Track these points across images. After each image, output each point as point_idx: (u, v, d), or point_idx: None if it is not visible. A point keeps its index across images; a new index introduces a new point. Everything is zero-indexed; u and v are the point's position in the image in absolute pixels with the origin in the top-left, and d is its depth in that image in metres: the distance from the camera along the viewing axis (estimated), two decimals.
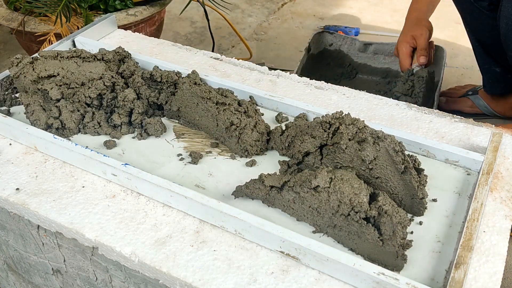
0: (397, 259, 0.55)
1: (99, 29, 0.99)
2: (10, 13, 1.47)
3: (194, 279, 0.55)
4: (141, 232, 0.61)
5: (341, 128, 0.65)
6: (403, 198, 0.63)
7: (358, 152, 0.63)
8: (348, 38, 1.50)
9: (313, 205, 0.59)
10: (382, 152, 0.62)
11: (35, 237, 0.68)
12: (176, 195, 0.61)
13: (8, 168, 0.70)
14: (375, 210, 0.57)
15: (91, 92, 0.75)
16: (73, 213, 0.63)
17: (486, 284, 0.54)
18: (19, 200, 0.65)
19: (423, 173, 0.65)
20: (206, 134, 0.77)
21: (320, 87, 0.86)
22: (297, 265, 0.56)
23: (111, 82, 0.76)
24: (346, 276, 0.53)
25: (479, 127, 0.76)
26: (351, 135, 0.64)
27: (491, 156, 0.66)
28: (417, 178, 0.62)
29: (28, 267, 0.77)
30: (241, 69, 0.91)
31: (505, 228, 0.60)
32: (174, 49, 0.98)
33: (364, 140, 0.63)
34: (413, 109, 0.80)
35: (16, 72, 0.76)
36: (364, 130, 0.64)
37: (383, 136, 0.62)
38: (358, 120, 0.65)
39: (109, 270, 0.63)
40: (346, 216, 0.57)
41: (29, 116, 0.74)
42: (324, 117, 0.67)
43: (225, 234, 0.60)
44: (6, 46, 1.91)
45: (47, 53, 0.78)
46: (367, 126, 0.65)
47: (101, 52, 0.82)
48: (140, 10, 1.49)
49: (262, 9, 2.22)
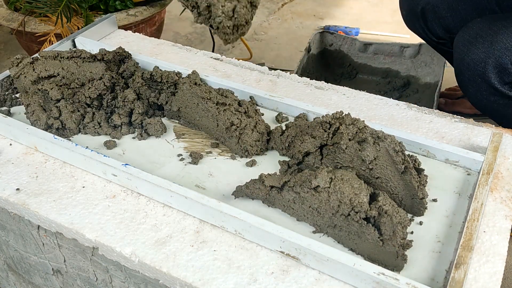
0: (397, 259, 0.55)
1: (99, 29, 0.99)
2: (11, 13, 1.47)
3: (194, 279, 0.55)
4: (141, 232, 0.61)
5: (341, 128, 0.65)
6: (403, 198, 0.63)
7: (358, 152, 0.63)
8: (348, 38, 1.50)
9: (313, 205, 0.59)
10: (382, 152, 0.62)
11: (35, 237, 0.68)
12: (176, 195, 0.61)
13: (8, 168, 0.70)
14: (375, 210, 0.57)
15: (91, 93, 0.75)
16: (73, 213, 0.63)
17: (486, 284, 0.54)
18: (19, 200, 0.65)
19: (423, 173, 0.65)
20: (206, 134, 0.77)
21: (320, 87, 0.86)
22: (297, 265, 0.56)
23: (111, 82, 0.77)
24: (346, 276, 0.53)
25: (479, 127, 0.76)
26: (351, 135, 0.64)
27: (491, 156, 0.66)
28: (417, 178, 0.62)
29: (28, 267, 0.77)
30: (242, 69, 0.91)
31: (505, 228, 0.60)
32: (174, 49, 0.98)
33: (364, 140, 0.63)
34: (413, 109, 0.80)
35: (16, 72, 0.76)
36: (364, 130, 0.64)
37: (383, 136, 0.62)
38: (358, 120, 0.65)
39: (109, 270, 0.63)
40: (346, 216, 0.57)
41: (29, 116, 0.75)
42: (324, 117, 0.67)
43: (225, 234, 0.60)
44: (7, 46, 1.91)
45: (47, 53, 0.78)
46: (367, 126, 0.65)
47: (101, 52, 0.82)
48: (140, 10, 1.49)
49: (262, 9, 2.23)
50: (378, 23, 2.04)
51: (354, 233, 0.57)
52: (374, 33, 1.92)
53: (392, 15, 2.10)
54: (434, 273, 0.55)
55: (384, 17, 2.09)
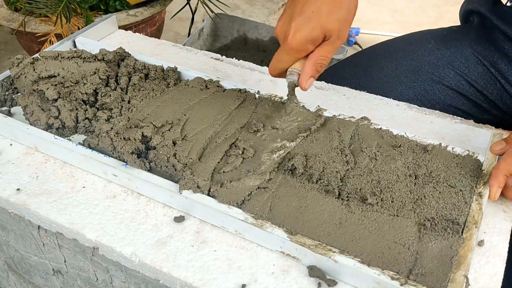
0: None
1: (99, 29, 0.99)
2: (11, 13, 1.47)
3: (195, 279, 0.55)
4: (141, 232, 0.61)
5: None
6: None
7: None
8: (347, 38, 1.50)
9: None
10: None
11: (36, 238, 0.68)
12: (176, 195, 0.61)
13: (8, 169, 0.70)
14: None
15: (87, 88, 0.75)
16: (73, 213, 0.63)
17: (487, 284, 0.54)
18: (19, 201, 0.65)
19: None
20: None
21: (320, 87, 0.86)
22: (298, 265, 0.56)
23: (106, 76, 0.76)
24: (346, 276, 0.53)
25: (479, 128, 0.76)
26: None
27: (491, 157, 0.66)
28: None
29: (28, 267, 0.77)
30: (242, 70, 0.91)
31: (505, 229, 0.60)
32: (174, 49, 0.98)
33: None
34: (414, 109, 0.80)
35: (16, 73, 0.76)
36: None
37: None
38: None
39: (109, 271, 0.63)
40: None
41: (28, 117, 0.74)
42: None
43: (226, 234, 0.60)
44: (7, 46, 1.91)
45: (48, 54, 0.78)
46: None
47: (102, 52, 0.82)
48: (140, 10, 1.49)
49: (262, 9, 2.22)
50: (378, 23, 2.04)
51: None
52: (374, 33, 1.92)
53: (392, 15, 2.10)
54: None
55: (384, 17, 2.09)
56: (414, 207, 0.59)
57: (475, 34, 0.91)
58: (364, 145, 0.66)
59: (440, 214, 0.58)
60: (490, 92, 0.87)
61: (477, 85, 0.87)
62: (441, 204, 0.59)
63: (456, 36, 0.93)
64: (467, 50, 0.89)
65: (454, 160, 0.65)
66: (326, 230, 0.56)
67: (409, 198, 0.60)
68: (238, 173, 0.62)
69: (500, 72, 0.86)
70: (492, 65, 0.87)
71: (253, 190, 0.61)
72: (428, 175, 0.63)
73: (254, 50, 1.82)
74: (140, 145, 0.66)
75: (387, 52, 0.65)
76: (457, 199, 0.60)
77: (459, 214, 0.58)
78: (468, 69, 0.88)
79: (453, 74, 0.88)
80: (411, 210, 0.59)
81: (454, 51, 0.90)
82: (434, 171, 0.63)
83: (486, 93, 0.87)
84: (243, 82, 0.87)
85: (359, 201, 0.60)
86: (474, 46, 0.89)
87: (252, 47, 1.83)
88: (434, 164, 0.64)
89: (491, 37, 0.88)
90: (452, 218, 0.57)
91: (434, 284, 0.51)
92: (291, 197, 0.60)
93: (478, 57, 0.88)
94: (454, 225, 0.56)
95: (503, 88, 0.86)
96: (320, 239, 0.55)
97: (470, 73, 0.88)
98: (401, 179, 0.62)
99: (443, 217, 0.57)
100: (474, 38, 0.91)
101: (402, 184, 0.61)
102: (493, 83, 0.87)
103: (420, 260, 0.53)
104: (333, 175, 0.62)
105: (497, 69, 0.86)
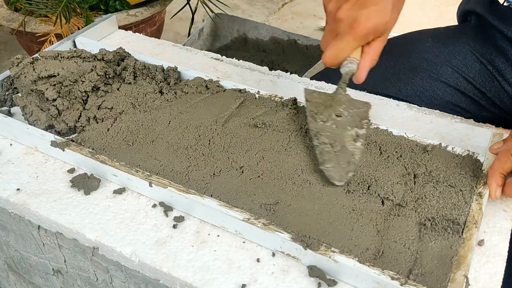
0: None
1: (99, 29, 0.99)
2: (11, 13, 1.47)
3: (195, 279, 0.55)
4: (141, 232, 0.61)
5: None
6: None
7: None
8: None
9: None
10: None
11: (36, 238, 0.68)
12: (176, 195, 0.61)
13: (8, 169, 0.70)
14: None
15: (85, 86, 0.75)
16: (73, 213, 0.63)
17: (487, 284, 0.54)
18: (19, 201, 0.65)
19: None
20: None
21: (321, 87, 0.86)
22: (298, 265, 0.56)
23: (104, 72, 0.76)
24: (346, 276, 0.53)
25: (479, 127, 0.76)
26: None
27: (492, 156, 0.66)
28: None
29: (28, 267, 0.77)
30: (242, 70, 0.91)
31: (505, 228, 0.60)
32: (174, 49, 0.98)
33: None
34: (414, 109, 0.80)
35: (16, 72, 0.76)
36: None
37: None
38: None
39: (109, 271, 0.63)
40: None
41: (27, 117, 0.74)
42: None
43: (226, 234, 0.60)
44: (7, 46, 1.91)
45: (48, 53, 0.78)
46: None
47: (102, 52, 0.82)
48: (140, 10, 1.49)
49: (262, 9, 2.23)
50: None
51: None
52: None
53: None
54: None
55: None
56: (415, 206, 0.59)
57: (472, 33, 0.92)
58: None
59: (440, 214, 0.58)
60: (488, 90, 0.88)
61: (475, 83, 0.88)
62: (441, 204, 0.59)
63: (453, 35, 0.94)
64: (465, 48, 0.90)
65: (454, 160, 0.65)
66: (325, 228, 0.57)
67: (410, 197, 0.60)
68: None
69: (498, 70, 0.87)
70: (490, 63, 0.87)
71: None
72: (427, 175, 0.63)
73: (254, 50, 1.83)
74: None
75: (385, 51, 0.66)
76: (457, 199, 0.60)
77: (459, 214, 0.58)
78: (466, 66, 0.88)
79: (451, 71, 0.88)
80: (412, 209, 0.59)
81: (452, 49, 0.90)
82: (433, 170, 0.63)
83: (484, 91, 0.88)
84: (243, 82, 0.87)
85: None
86: (471, 44, 0.90)
87: (252, 47, 1.83)
88: (434, 163, 0.64)
89: (489, 35, 0.88)
90: (452, 218, 0.57)
91: (434, 284, 0.51)
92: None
93: (476, 55, 0.88)
94: (454, 225, 0.56)
95: (500, 86, 0.87)
96: (320, 239, 0.55)
97: (468, 70, 0.88)
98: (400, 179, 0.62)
99: (443, 217, 0.57)
100: (471, 37, 0.91)
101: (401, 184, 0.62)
102: (491, 81, 0.88)
103: (420, 260, 0.53)
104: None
105: (495, 67, 0.87)
